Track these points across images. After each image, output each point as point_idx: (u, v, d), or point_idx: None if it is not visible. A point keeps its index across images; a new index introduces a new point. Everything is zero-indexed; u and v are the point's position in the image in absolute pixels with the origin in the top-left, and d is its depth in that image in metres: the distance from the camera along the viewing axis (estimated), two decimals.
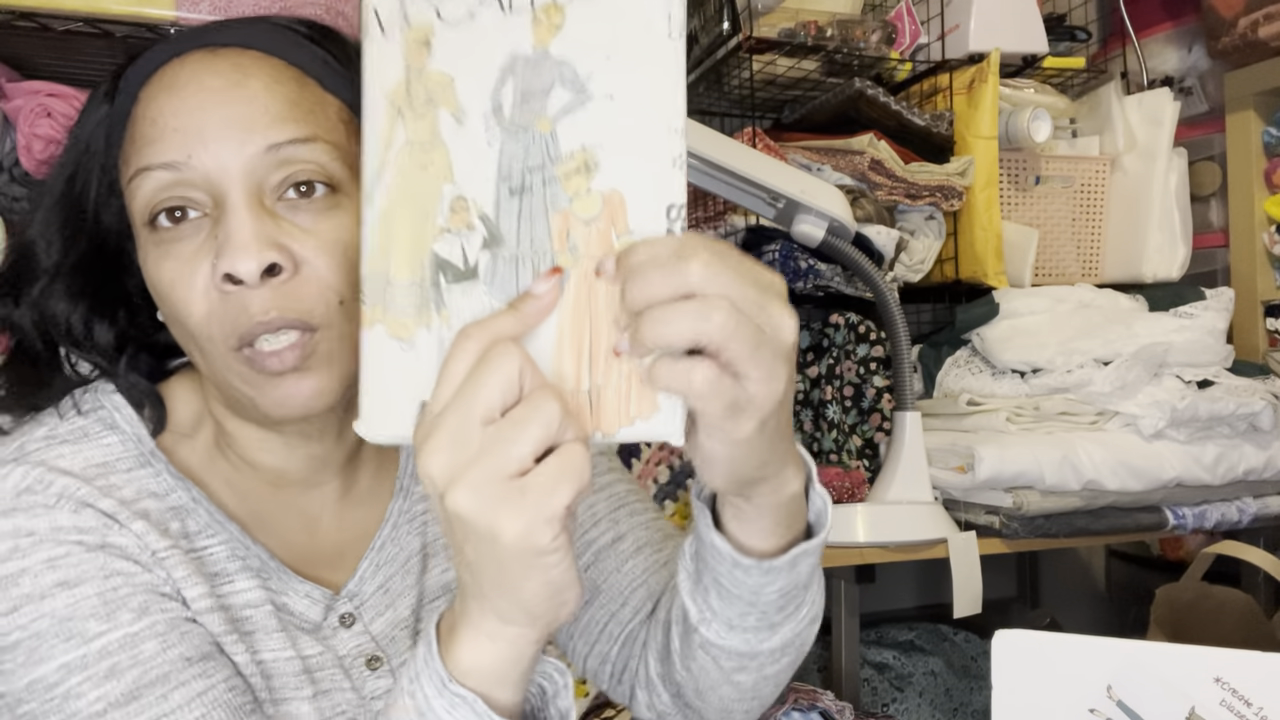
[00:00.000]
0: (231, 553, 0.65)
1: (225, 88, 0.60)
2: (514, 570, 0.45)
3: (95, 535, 0.60)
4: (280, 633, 0.65)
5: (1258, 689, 0.60)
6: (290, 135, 0.60)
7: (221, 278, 0.58)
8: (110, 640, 0.57)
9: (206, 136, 0.59)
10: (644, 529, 0.79)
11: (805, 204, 1.26)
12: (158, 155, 0.59)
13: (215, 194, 0.59)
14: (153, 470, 0.64)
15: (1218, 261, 1.76)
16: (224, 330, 0.59)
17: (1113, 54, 1.88)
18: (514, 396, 0.44)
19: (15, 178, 1.23)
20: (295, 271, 0.59)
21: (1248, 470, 1.36)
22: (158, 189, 0.60)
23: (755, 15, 1.50)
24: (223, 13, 1.14)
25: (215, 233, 0.59)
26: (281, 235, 0.59)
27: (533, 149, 0.49)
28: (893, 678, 1.70)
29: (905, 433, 1.30)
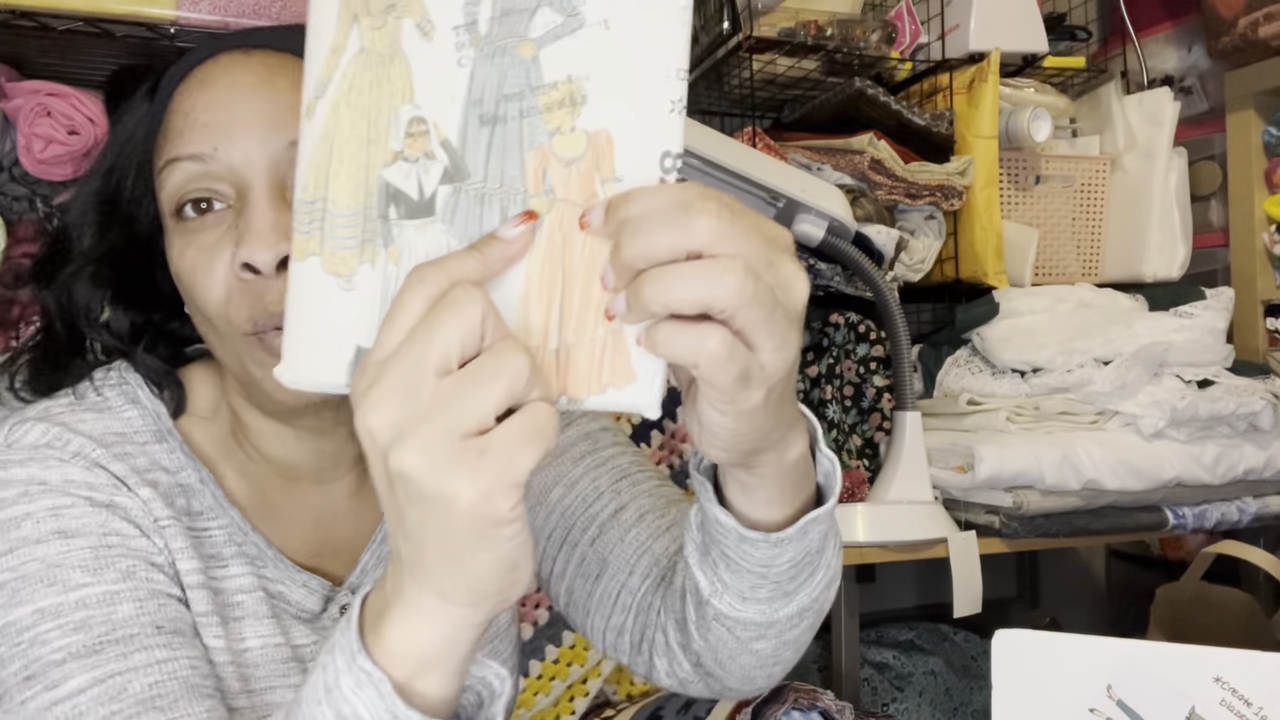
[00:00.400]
0: (229, 538, 0.67)
1: (254, 84, 0.62)
2: (465, 542, 0.40)
3: (103, 493, 0.61)
4: (270, 619, 0.66)
5: (1258, 689, 0.60)
6: None
7: (240, 266, 0.60)
8: (89, 594, 0.58)
9: (233, 130, 0.61)
10: (646, 497, 0.77)
11: (805, 204, 1.26)
12: (186, 147, 0.62)
13: (239, 186, 0.61)
14: (167, 447, 0.67)
15: (1218, 261, 1.76)
16: (240, 316, 0.61)
17: (1113, 53, 1.88)
18: (474, 347, 0.40)
19: (15, 177, 1.23)
20: None
21: (1248, 470, 1.36)
22: (185, 180, 0.62)
23: (755, 15, 1.50)
24: (222, 13, 1.14)
25: (237, 223, 0.61)
26: None
27: (511, 74, 0.43)
28: (893, 678, 1.70)
29: (905, 432, 1.30)
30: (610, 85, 0.42)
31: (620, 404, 0.43)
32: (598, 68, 0.42)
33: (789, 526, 0.55)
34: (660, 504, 0.77)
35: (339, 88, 0.44)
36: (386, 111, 0.43)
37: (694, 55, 1.69)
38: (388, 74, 0.43)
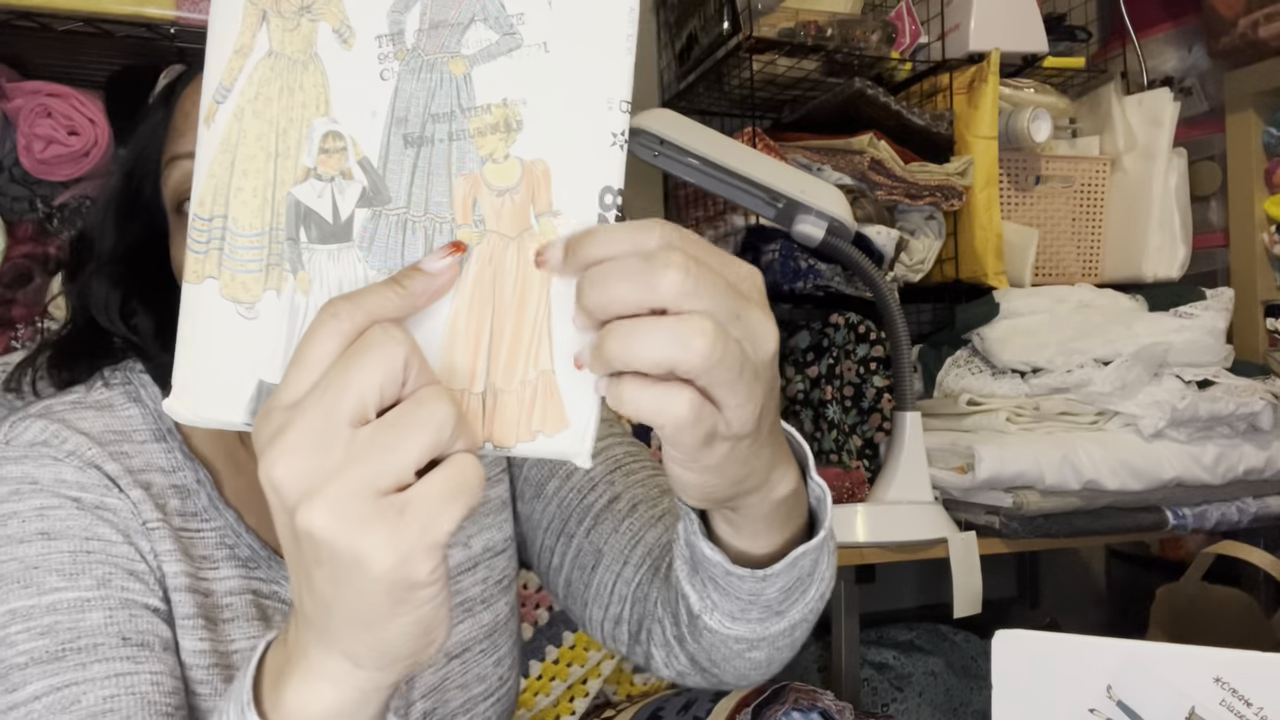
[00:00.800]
0: (221, 540, 0.67)
1: None
2: (378, 607, 0.37)
3: (94, 494, 0.61)
4: (259, 621, 0.66)
5: (1258, 689, 0.60)
6: None
7: None
8: (61, 599, 0.58)
9: None
10: (639, 486, 0.76)
11: (805, 204, 1.26)
12: (185, 145, 0.63)
13: None
14: (165, 446, 0.67)
15: (1218, 261, 1.76)
16: None
17: (1113, 54, 1.88)
18: (394, 394, 0.37)
19: (15, 177, 1.23)
20: None
21: (1248, 470, 1.36)
22: (184, 177, 0.63)
23: (755, 15, 1.50)
24: None
25: None
26: None
27: (440, 93, 0.39)
28: (893, 678, 1.70)
29: (905, 433, 1.30)
30: (548, 112, 0.39)
31: (550, 451, 0.39)
32: (535, 92, 0.39)
33: (778, 561, 0.54)
34: (654, 493, 0.76)
35: (244, 93, 0.40)
36: (298, 123, 0.40)
37: (694, 56, 1.69)
38: (300, 81, 0.40)
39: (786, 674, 1.73)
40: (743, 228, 1.50)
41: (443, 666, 0.72)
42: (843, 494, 1.31)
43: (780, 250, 1.42)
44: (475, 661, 0.74)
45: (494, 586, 0.76)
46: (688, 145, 1.24)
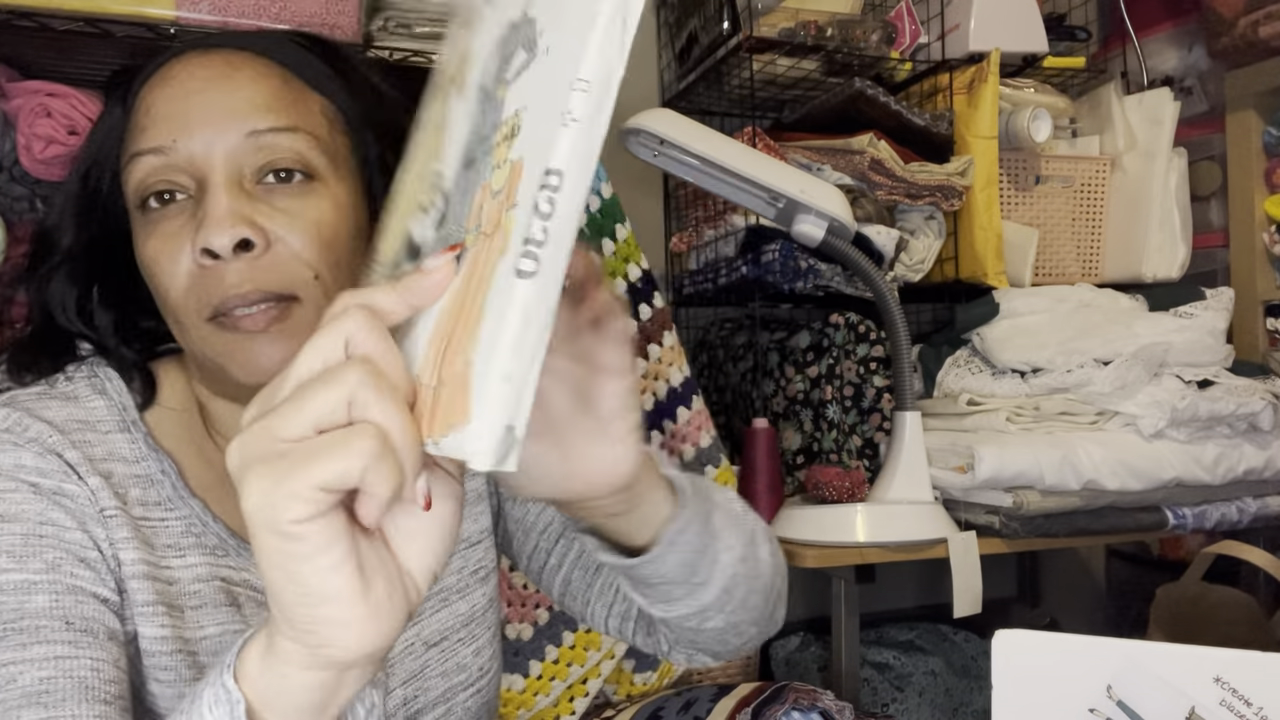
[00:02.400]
0: (187, 528, 0.67)
1: (213, 79, 0.64)
2: (260, 551, 0.39)
3: (52, 480, 0.62)
4: (229, 607, 0.67)
5: (1258, 689, 0.60)
6: (271, 124, 0.63)
7: (200, 252, 0.61)
8: (8, 579, 0.59)
9: (191, 122, 0.63)
10: None
11: (805, 204, 1.26)
12: (147, 141, 0.63)
13: (199, 177, 0.63)
14: (129, 437, 0.67)
15: (1218, 261, 1.76)
16: (200, 302, 0.62)
17: (1113, 54, 1.88)
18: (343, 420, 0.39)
19: (15, 177, 1.23)
20: (268, 247, 0.62)
21: (1248, 470, 1.36)
22: (147, 173, 0.63)
23: (755, 15, 1.50)
24: (222, 13, 1.14)
25: (196, 212, 0.63)
26: (256, 214, 0.62)
27: (487, 117, 0.42)
28: (893, 678, 1.70)
29: (905, 433, 1.30)
30: (536, 110, 0.39)
31: (452, 449, 0.38)
32: (533, 96, 0.40)
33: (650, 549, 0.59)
34: None
35: (410, 157, 0.46)
36: (425, 170, 0.45)
37: (694, 56, 1.69)
38: (435, 138, 0.45)
39: (786, 674, 1.73)
40: (743, 228, 1.50)
41: (421, 654, 0.73)
42: (843, 494, 1.31)
43: (780, 250, 1.42)
44: (454, 650, 0.75)
45: (470, 576, 0.78)
46: (688, 145, 1.24)
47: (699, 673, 1.44)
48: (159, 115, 0.63)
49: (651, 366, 1.37)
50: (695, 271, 1.68)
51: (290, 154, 0.64)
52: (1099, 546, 2.09)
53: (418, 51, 1.26)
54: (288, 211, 0.63)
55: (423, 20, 1.26)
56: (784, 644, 1.77)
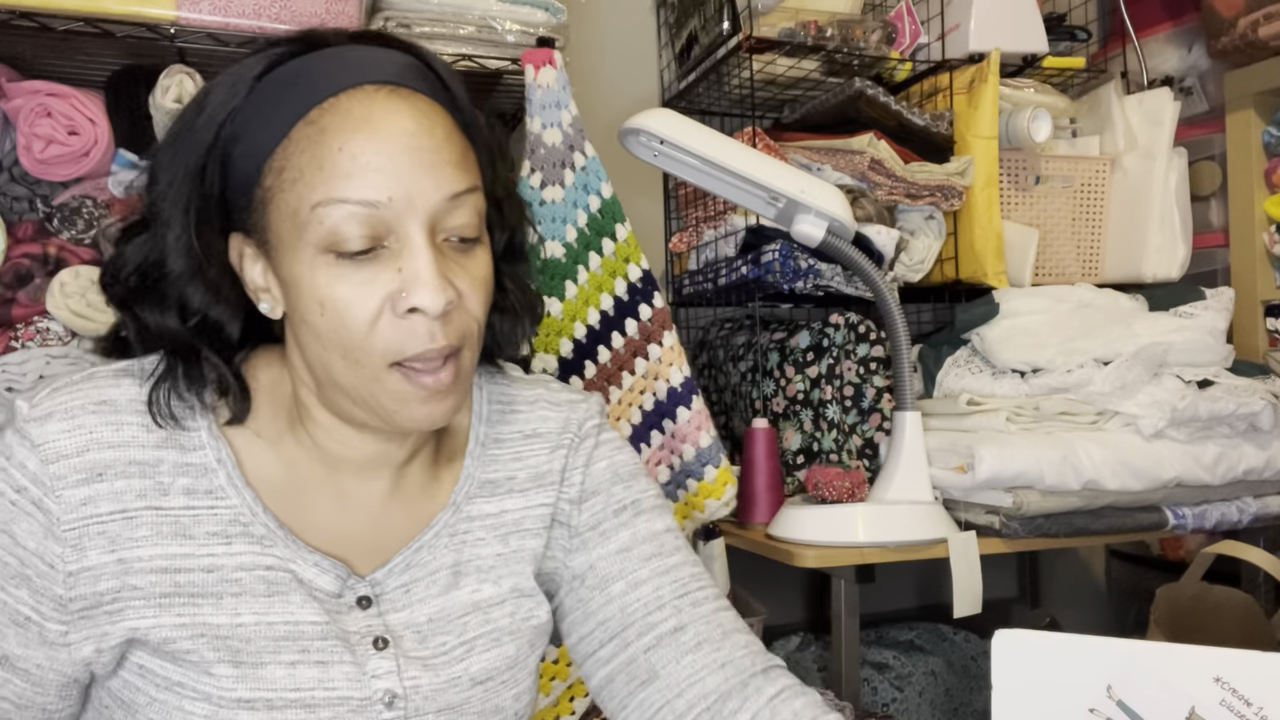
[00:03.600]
0: (235, 517, 0.70)
1: (417, 133, 0.65)
2: None
3: (40, 490, 0.66)
4: (267, 598, 0.69)
5: (1258, 689, 0.60)
6: (465, 185, 0.67)
7: (407, 310, 0.65)
8: None
9: (403, 180, 0.64)
10: (704, 623, 0.79)
11: (805, 204, 1.26)
12: (356, 191, 0.64)
13: (400, 231, 0.65)
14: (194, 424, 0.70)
15: (1218, 261, 1.76)
16: (389, 349, 0.65)
17: (1113, 54, 1.88)
18: None
19: (15, 177, 1.23)
20: (458, 304, 0.67)
21: (1248, 470, 1.36)
22: (351, 222, 0.64)
23: (755, 15, 1.50)
24: (222, 13, 1.14)
25: (392, 263, 0.65)
26: (450, 273, 0.66)
27: None
28: (893, 678, 1.70)
29: (905, 433, 1.30)
30: None
31: None
32: None
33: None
34: (717, 634, 0.79)
35: None
36: None
37: (694, 56, 1.69)
38: None
39: None
40: (743, 228, 1.50)
41: (466, 690, 0.74)
42: (843, 494, 1.31)
43: (780, 250, 1.42)
44: (496, 691, 0.76)
45: (521, 623, 0.79)
46: (688, 145, 1.24)
47: None
48: (368, 166, 0.64)
49: (651, 366, 1.37)
50: (695, 271, 1.68)
51: (475, 219, 0.68)
52: (1099, 546, 2.09)
53: None
54: (468, 271, 0.68)
55: (423, 20, 1.26)
56: (784, 644, 1.77)
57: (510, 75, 1.33)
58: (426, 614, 0.74)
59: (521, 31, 1.30)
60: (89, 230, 1.19)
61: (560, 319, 1.36)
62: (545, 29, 1.32)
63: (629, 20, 1.81)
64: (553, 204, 1.35)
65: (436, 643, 0.74)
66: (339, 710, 0.68)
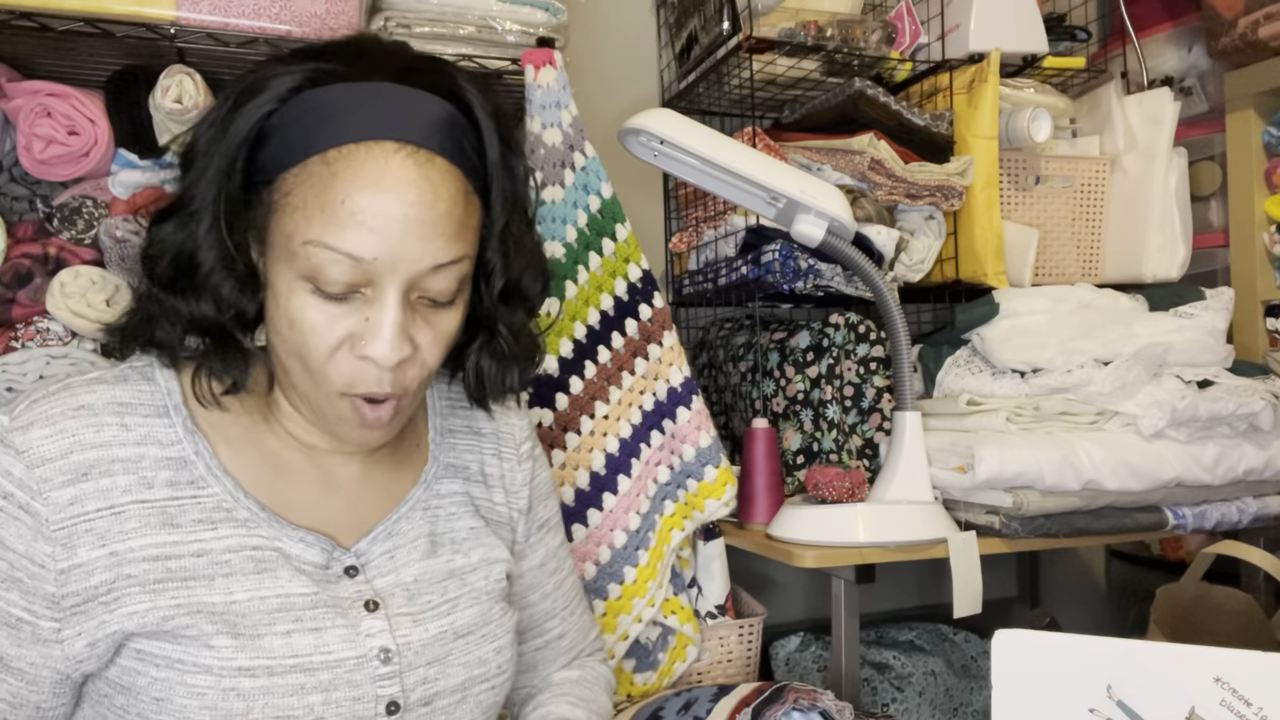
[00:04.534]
0: (218, 504, 0.74)
1: (419, 204, 0.69)
2: None
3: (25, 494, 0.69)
4: (256, 575, 0.73)
5: (1258, 689, 0.60)
6: (452, 256, 0.71)
7: (361, 355, 0.70)
8: None
9: (392, 245, 0.68)
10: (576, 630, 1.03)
11: (805, 204, 1.26)
12: (345, 243, 0.68)
13: (377, 284, 0.70)
14: (167, 422, 0.75)
15: (1218, 261, 1.76)
16: (340, 380, 0.72)
17: (1113, 54, 1.88)
18: None
19: (15, 177, 1.23)
20: (412, 356, 0.72)
21: (1248, 470, 1.36)
22: (335, 267, 0.68)
23: (755, 15, 1.50)
24: (222, 13, 1.14)
25: (362, 309, 0.70)
26: (413, 328, 0.72)
27: None
28: (893, 678, 1.70)
29: (905, 433, 1.30)
30: None
31: None
32: None
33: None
34: (582, 638, 1.03)
35: None
36: None
37: (694, 56, 1.69)
38: None
39: (786, 674, 1.73)
40: (743, 228, 1.50)
41: (450, 643, 0.80)
42: (843, 494, 1.31)
43: (780, 250, 1.42)
44: (478, 644, 0.82)
45: (494, 584, 0.87)
46: (688, 145, 1.24)
47: (699, 673, 1.44)
48: (364, 226, 0.68)
49: (651, 366, 1.37)
50: (695, 271, 1.68)
51: (453, 284, 0.73)
52: (1099, 546, 2.09)
53: None
54: (433, 327, 0.73)
55: (423, 20, 1.26)
56: (784, 644, 1.77)
57: (510, 75, 1.33)
58: (412, 574, 0.81)
59: (521, 31, 1.30)
60: (89, 230, 1.19)
61: (560, 319, 1.36)
62: (545, 29, 1.32)
63: (629, 20, 1.81)
64: (553, 204, 1.35)
65: (423, 600, 0.80)
66: (337, 671, 0.73)
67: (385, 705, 0.75)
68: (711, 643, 1.43)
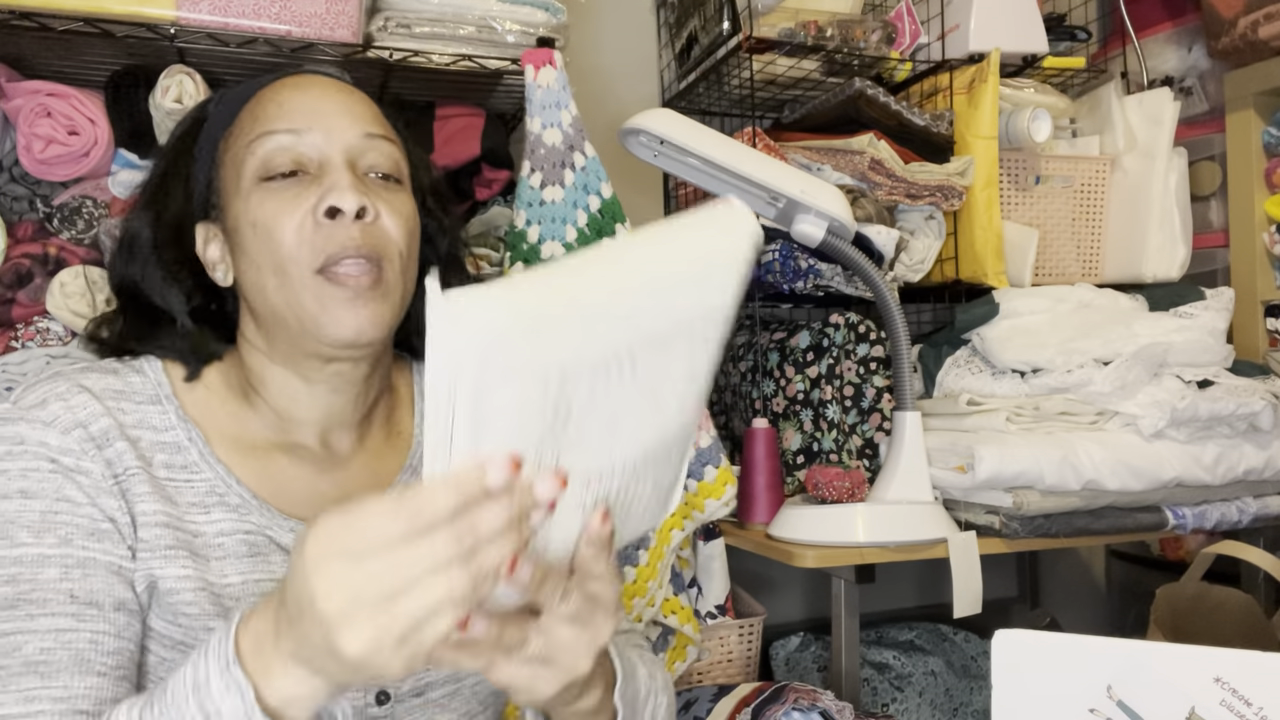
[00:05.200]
0: (211, 489, 0.75)
1: (336, 91, 0.79)
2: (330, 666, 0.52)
3: (70, 459, 0.70)
4: (249, 558, 0.74)
5: (1258, 689, 0.60)
6: (381, 131, 0.79)
7: (325, 210, 0.73)
8: (26, 552, 0.66)
9: (323, 114, 0.76)
10: None
11: (805, 204, 1.26)
12: (281, 123, 0.75)
13: (321, 159, 0.76)
14: (160, 409, 0.76)
15: (1218, 261, 1.76)
16: (314, 253, 0.73)
17: (1113, 54, 1.88)
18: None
19: (15, 177, 1.23)
20: (375, 219, 0.75)
21: (1248, 470, 1.36)
22: (277, 149, 0.75)
23: (755, 15, 1.50)
24: (222, 13, 1.14)
25: (316, 185, 0.74)
26: (370, 195, 0.75)
27: None
28: (893, 678, 1.70)
29: (905, 433, 1.30)
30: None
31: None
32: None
33: None
34: None
35: None
36: None
37: (694, 56, 1.69)
38: None
39: (786, 674, 1.73)
40: None
41: None
42: (843, 494, 1.31)
43: (780, 250, 1.42)
44: None
45: None
46: (688, 145, 1.24)
47: (699, 673, 1.44)
48: (291, 108, 0.76)
49: None
50: None
51: (390, 160, 0.79)
52: (1099, 546, 2.09)
53: (417, 51, 1.26)
54: (387, 200, 0.77)
55: (423, 20, 1.26)
56: (784, 644, 1.77)
57: (510, 75, 1.33)
58: None
59: (521, 31, 1.30)
60: (89, 230, 1.19)
61: None
62: (545, 29, 1.31)
63: (629, 20, 1.81)
64: (553, 204, 1.35)
65: None
66: None
67: (375, 695, 0.76)
68: (711, 643, 1.43)
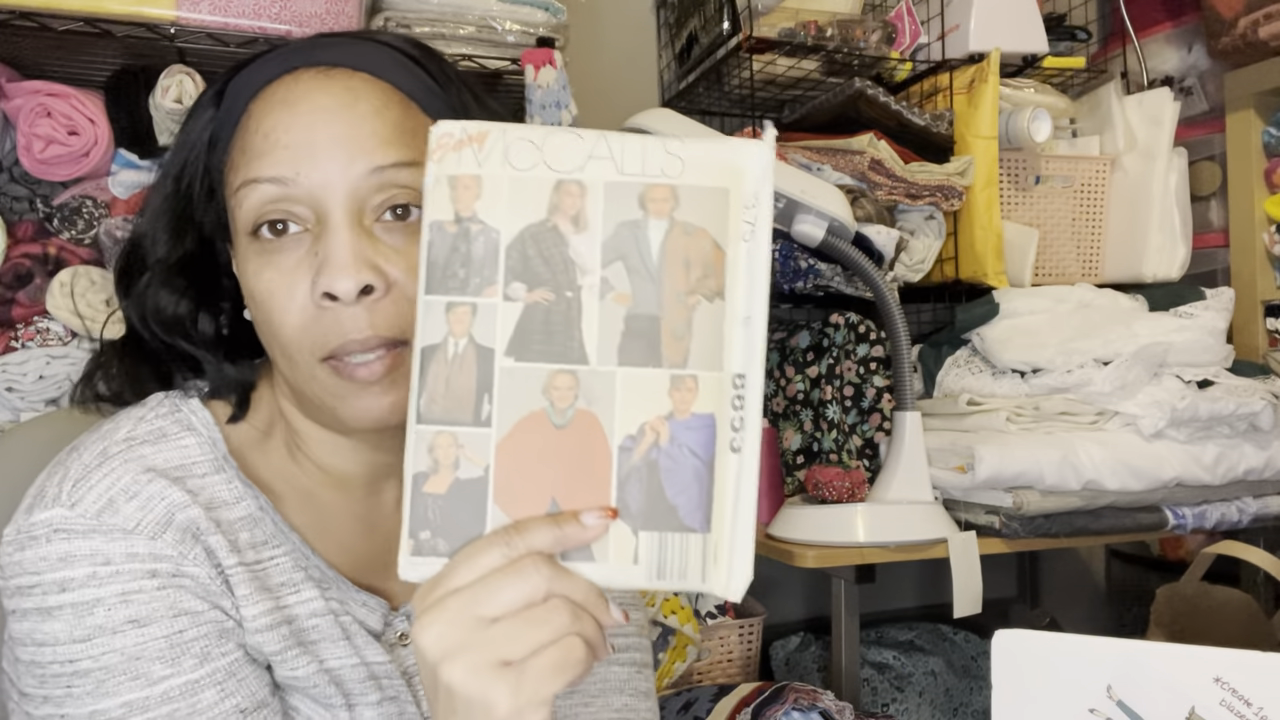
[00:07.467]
0: (295, 563, 0.66)
1: (337, 108, 0.62)
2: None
3: (169, 564, 0.60)
4: (343, 641, 0.67)
5: (1258, 689, 0.60)
6: (394, 159, 0.61)
7: (321, 295, 0.60)
8: (173, 685, 0.59)
9: (316, 154, 0.61)
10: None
11: (805, 204, 1.26)
12: (266, 169, 0.61)
13: (318, 210, 0.61)
14: (225, 477, 0.65)
15: (1218, 261, 1.76)
16: (315, 343, 0.61)
17: (1113, 54, 1.88)
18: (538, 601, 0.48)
19: (15, 177, 1.23)
20: (387, 291, 0.61)
21: (1248, 470, 1.36)
22: (264, 201, 0.61)
23: (755, 15, 1.50)
24: (222, 13, 1.14)
25: (315, 249, 0.61)
26: (377, 256, 0.61)
27: None
28: (893, 678, 1.70)
29: (905, 433, 1.30)
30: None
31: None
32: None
33: None
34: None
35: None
36: None
37: (694, 56, 1.69)
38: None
39: (786, 674, 1.73)
40: None
41: None
42: (843, 494, 1.31)
43: (780, 250, 1.42)
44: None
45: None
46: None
47: (699, 673, 1.44)
48: (279, 143, 0.61)
49: None
50: None
51: (410, 190, 0.62)
52: (1099, 546, 2.09)
53: None
54: (405, 253, 0.61)
55: (422, 20, 1.26)
56: (784, 644, 1.77)
57: (510, 75, 1.34)
58: None
59: (521, 31, 1.30)
60: (89, 230, 1.19)
61: None
62: (545, 29, 1.32)
63: (629, 20, 1.81)
64: None
65: None
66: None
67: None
68: (711, 643, 1.43)
